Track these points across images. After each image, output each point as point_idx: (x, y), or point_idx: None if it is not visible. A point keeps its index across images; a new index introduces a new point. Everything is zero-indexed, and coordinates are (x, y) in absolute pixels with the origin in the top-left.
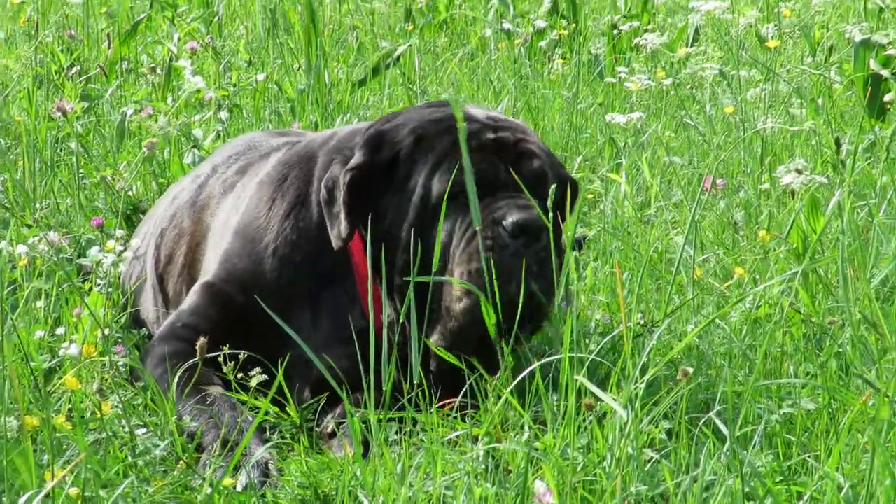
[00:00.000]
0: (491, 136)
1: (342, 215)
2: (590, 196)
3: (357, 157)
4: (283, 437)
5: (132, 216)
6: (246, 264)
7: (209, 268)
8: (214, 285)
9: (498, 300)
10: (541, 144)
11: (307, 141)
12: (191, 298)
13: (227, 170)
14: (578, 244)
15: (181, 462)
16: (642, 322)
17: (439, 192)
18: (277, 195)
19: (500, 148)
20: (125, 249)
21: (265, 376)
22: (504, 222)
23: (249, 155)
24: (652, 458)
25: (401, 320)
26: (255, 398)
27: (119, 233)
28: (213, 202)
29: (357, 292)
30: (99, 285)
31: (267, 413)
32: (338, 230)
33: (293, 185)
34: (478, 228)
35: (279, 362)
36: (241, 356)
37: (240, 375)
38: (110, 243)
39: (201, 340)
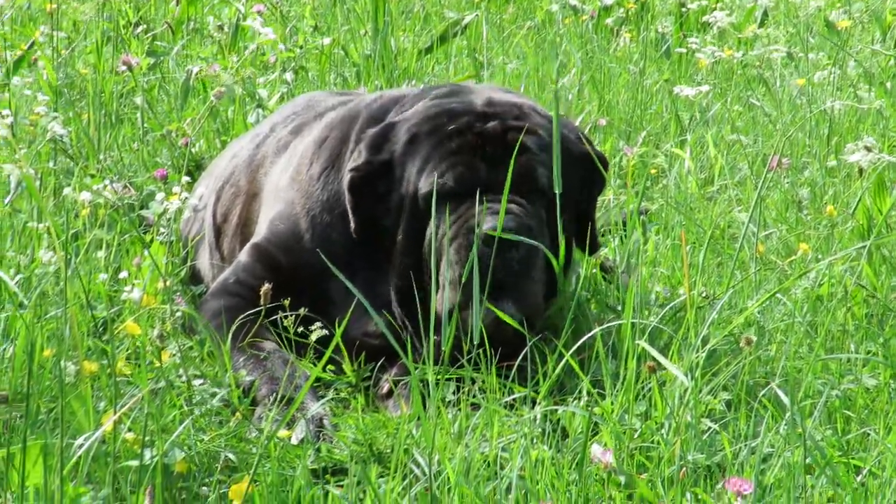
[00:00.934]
0: (477, 129)
1: (349, 213)
2: (653, 171)
3: (358, 158)
4: (337, 394)
5: (194, 172)
6: (287, 226)
7: (260, 229)
8: (261, 246)
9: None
10: (539, 130)
11: (356, 101)
12: (242, 257)
13: (284, 129)
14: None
15: (237, 413)
16: (704, 295)
17: (423, 194)
18: (315, 157)
19: (484, 143)
20: (188, 197)
21: (325, 331)
22: (476, 231)
23: (305, 115)
24: (710, 427)
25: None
26: (310, 356)
27: (185, 179)
28: (267, 162)
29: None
30: (162, 234)
31: (323, 370)
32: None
33: (329, 147)
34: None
35: (336, 322)
36: (301, 312)
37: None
38: (175, 189)
39: (266, 287)
